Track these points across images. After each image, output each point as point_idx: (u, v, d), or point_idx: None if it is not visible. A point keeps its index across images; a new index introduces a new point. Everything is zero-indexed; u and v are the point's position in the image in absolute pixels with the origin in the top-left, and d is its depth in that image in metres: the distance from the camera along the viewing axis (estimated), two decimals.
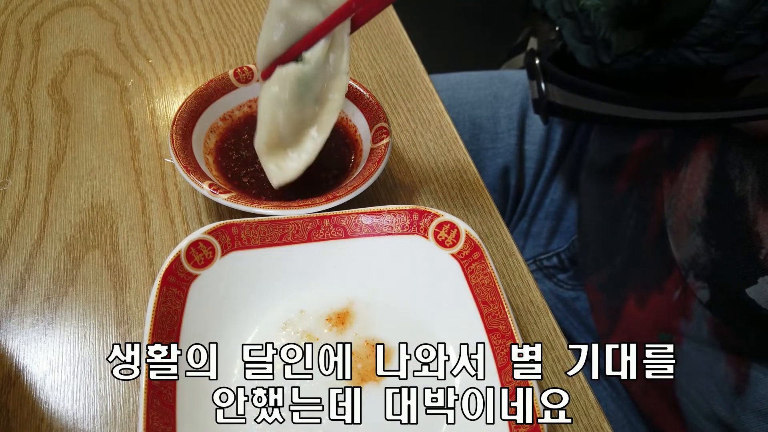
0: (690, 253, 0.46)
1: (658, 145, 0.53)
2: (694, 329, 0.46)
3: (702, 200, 0.45)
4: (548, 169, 0.71)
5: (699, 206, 0.45)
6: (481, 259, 0.37)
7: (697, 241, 0.45)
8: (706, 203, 0.45)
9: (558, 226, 0.72)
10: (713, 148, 0.45)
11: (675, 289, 0.48)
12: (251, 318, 0.37)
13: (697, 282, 0.45)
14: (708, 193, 0.45)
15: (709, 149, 0.46)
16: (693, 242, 0.46)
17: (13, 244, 0.42)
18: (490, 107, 0.69)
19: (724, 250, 0.43)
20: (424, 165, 0.49)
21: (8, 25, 0.59)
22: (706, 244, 0.44)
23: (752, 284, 0.40)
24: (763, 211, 0.40)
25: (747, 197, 0.41)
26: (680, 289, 0.47)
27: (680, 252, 0.47)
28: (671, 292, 0.48)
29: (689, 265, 0.46)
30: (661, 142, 0.53)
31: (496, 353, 0.34)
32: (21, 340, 0.38)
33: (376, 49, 0.58)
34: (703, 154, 0.46)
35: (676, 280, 0.47)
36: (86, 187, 0.46)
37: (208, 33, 0.59)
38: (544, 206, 0.72)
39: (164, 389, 0.31)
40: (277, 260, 0.38)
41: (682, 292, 0.47)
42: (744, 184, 0.42)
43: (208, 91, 0.46)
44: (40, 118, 0.51)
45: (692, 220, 0.46)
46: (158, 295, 0.34)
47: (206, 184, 0.40)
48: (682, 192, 0.48)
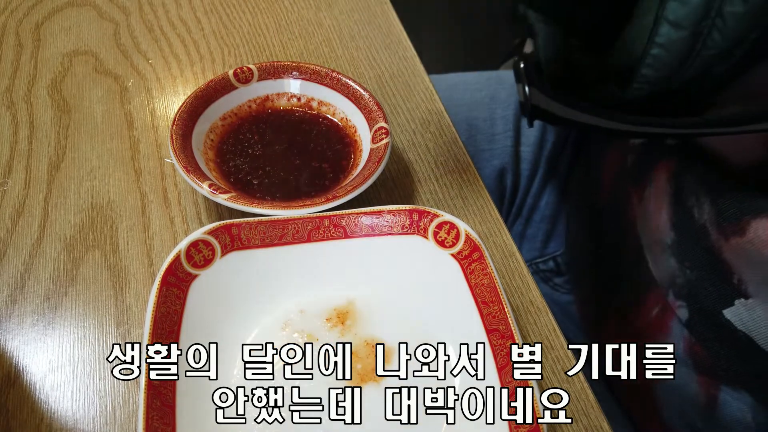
0: (667, 272, 0.46)
1: (625, 160, 0.53)
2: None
3: (668, 223, 0.45)
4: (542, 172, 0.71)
5: (666, 228, 0.45)
6: (480, 259, 0.37)
7: (671, 261, 0.45)
8: (672, 226, 0.45)
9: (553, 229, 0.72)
10: (671, 171, 0.45)
11: (654, 306, 0.48)
12: (251, 318, 0.37)
13: (677, 301, 0.45)
14: (672, 217, 0.45)
15: (668, 172, 0.46)
16: (668, 262, 0.45)
17: (12, 244, 0.42)
18: (486, 109, 0.69)
19: (698, 272, 0.43)
20: (424, 165, 0.49)
21: (8, 25, 0.59)
22: (680, 266, 0.44)
23: (729, 306, 0.40)
24: (725, 241, 0.40)
25: (707, 226, 0.41)
26: (659, 307, 0.47)
27: (658, 271, 0.47)
28: (651, 309, 0.48)
29: (668, 283, 0.46)
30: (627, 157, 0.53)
31: (496, 353, 0.34)
32: (21, 340, 0.38)
33: (376, 49, 0.58)
34: (663, 176, 0.46)
35: (656, 297, 0.47)
36: (86, 187, 0.46)
37: (208, 33, 0.59)
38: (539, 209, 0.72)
39: (164, 389, 0.31)
40: (276, 260, 0.38)
41: (661, 310, 0.47)
42: (701, 213, 0.41)
43: (207, 91, 0.46)
44: (39, 118, 0.51)
45: (663, 241, 0.46)
46: (158, 295, 0.34)
47: (206, 184, 0.40)
48: (649, 211, 0.48)
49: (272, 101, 0.49)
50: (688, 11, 0.34)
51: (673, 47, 0.36)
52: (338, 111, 0.48)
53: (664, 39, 0.36)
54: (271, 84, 0.48)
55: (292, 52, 0.58)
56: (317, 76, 0.48)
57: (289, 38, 0.59)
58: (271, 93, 0.48)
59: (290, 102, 0.49)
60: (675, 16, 0.35)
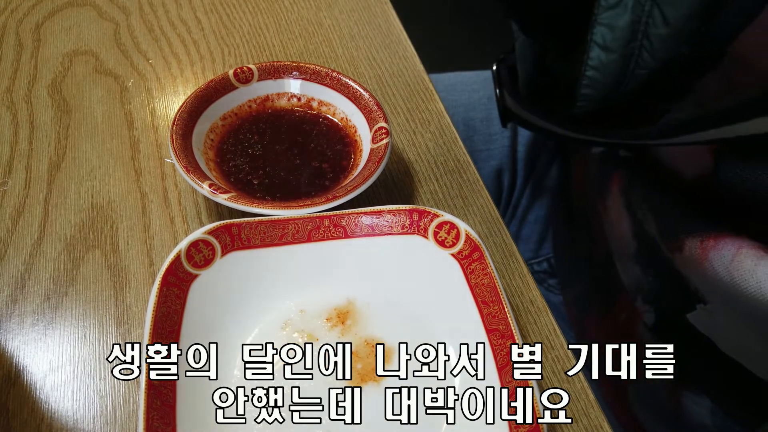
0: (635, 280, 0.46)
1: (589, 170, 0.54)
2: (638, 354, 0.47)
3: (630, 232, 0.46)
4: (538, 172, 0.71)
5: (629, 237, 0.46)
6: (480, 259, 0.37)
7: (636, 269, 0.46)
8: (633, 235, 0.45)
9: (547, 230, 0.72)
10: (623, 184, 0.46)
11: (622, 312, 0.48)
12: (251, 318, 0.37)
13: (645, 306, 0.45)
14: (631, 226, 0.45)
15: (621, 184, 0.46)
16: (633, 270, 0.46)
17: (13, 244, 0.42)
18: (484, 109, 0.69)
19: (660, 280, 0.43)
20: (424, 165, 0.49)
21: (8, 25, 0.59)
22: (643, 273, 0.45)
23: (692, 311, 0.40)
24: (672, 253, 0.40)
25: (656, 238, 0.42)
26: (626, 313, 0.48)
27: (626, 277, 0.48)
28: (620, 314, 0.49)
29: (636, 289, 0.46)
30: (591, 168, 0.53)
31: (496, 353, 0.34)
32: (21, 340, 0.38)
33: (376, 49, 0.58)
34: (617, 187, 0.47)
35: (624, 303, 0.48)
36: (86, 187, 0.46)
37: (208, 33, 0.59)
38: (534, 209, 0.72)
39: (164, 389, 0.31)
40: (277, 260, 0.38)
41: (629, 315, 0.47)
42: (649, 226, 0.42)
43: (208, 91, 0.46)
44: (40, 118, 0.51)
45: (628, 250, 0.46)
46: (158, 295, 0.34)
47: (206, 184, 0.40)
48: (612, 221, 0.48)
49: (272, 101, 0.49)
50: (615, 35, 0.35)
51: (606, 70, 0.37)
52: (338, 111, 0.48)
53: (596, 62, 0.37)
54: (271, 84, 0.48)
55: (292, 52, 0.58)
56: (317, 76, 0.48)
57: (289, 38, 0.59)
58: (271, 93, 0.48)
59: (290, 102, 0.49)
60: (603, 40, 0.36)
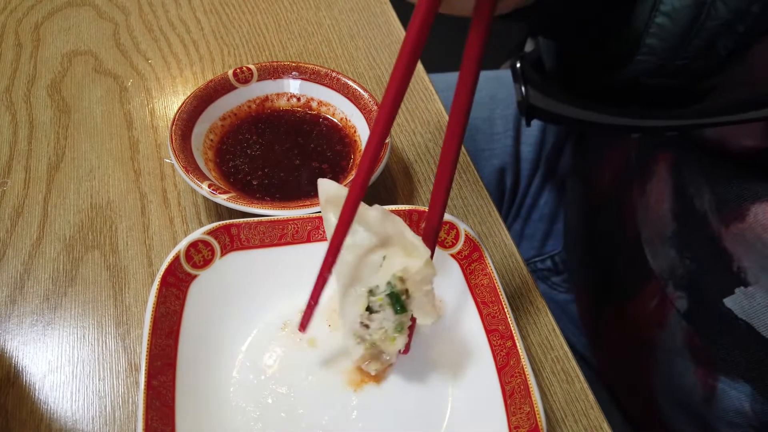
0: (667, 264, 0.46)
1: (628, 155, 0.54)
2: (667, 340, 0.46)
3: (670, 213, 0.45)
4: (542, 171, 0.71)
5: (668, 219, 0.45)
6: (480, 260, 0.37)
7: (671, 253, 0.45)
8: (673, 216, 0.45)
9: (552, 228, 0.72)
10: (671, 162, 0.46)
11: (652, 299, 0.48)
12: (251, 318, 0.37)
13: (677, 292, 0.45)
14: (674, 207, 0.45)
15: (668, 163, 0.46)
16: (668, 254, 0.46)
17: (12, 245, 0.42)
18: (486, 108, 0.69)
19: (698, 263, 0.43)
20: (424, 165, 0.49)
21: (8, 25, 0.59)
22: (680, 256, 0.44)
23: (729, 294, 0.40)
24: (725, 228, 0.40)
25: (707, 214, 0.41)
26: (657, 299, 0.47)
27: (657, 263, 0.47)
28: (648, 302, 0.49)
29: (668, 275, 0.46)
30: (630, 152, 0.53)
31: (495, 353, 0.34)
32: (20, 341, 0.38)
33: (375, 50, 0.58)
34: (664, 167, 0.46)
35: (654, 290, 0.48)
36: (85, 187, 0.46)
37: (208, 33, 0.59)
38: (539, 208, 0.72)
39: (163, 390, 0.31)
40: (276, 260, 0.38)
41: (659, 302, 0.47)
42: (702, 201, 0.42)
43: (207, 91, 0.46)
44: (39, 118, 0.51)
45: (663, 233, 0.46)
46: (157, 296, 0.34)
47: (205, 184, 0.40)
48: (650, 204, 0.48)
49: (272, 101, 0.49)
50: None
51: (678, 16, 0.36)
52: (338, 111, 0.48)
53: (669, 7, 0.36)
54: (270, 84, 0.48)
55: (291, 52, 0.58)
56: (317, 76, 0.48)
57: (289, 38, 0.59)
58: (270, 93, 0.48)
59: (290, 102, 0.49)
60: None
